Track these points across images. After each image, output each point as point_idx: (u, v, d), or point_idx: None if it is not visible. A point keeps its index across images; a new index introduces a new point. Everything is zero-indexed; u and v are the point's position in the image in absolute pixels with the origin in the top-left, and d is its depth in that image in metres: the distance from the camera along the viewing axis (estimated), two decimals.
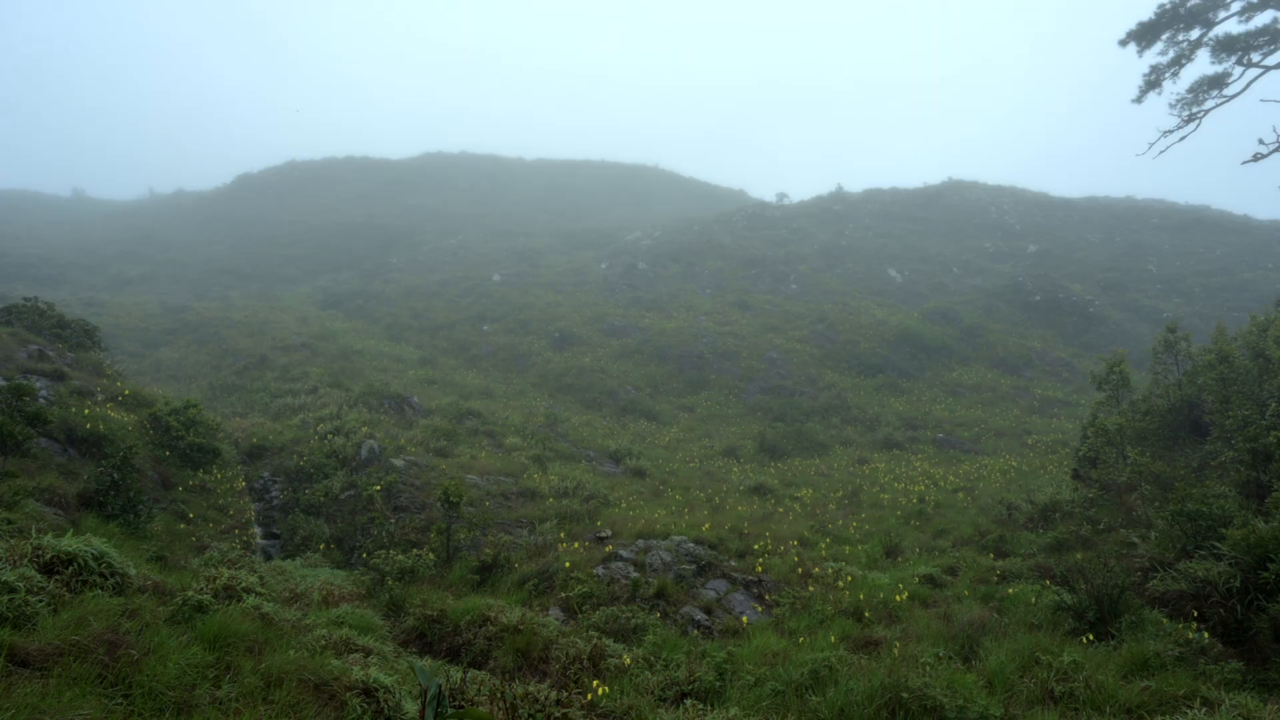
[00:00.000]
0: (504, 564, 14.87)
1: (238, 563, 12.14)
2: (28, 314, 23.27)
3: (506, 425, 29.01)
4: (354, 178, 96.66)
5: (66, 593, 7.17)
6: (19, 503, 10.30)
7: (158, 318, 46.68)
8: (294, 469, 20.97)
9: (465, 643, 11.29)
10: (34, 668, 5.65)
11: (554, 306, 51.94)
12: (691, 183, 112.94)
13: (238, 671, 6.85)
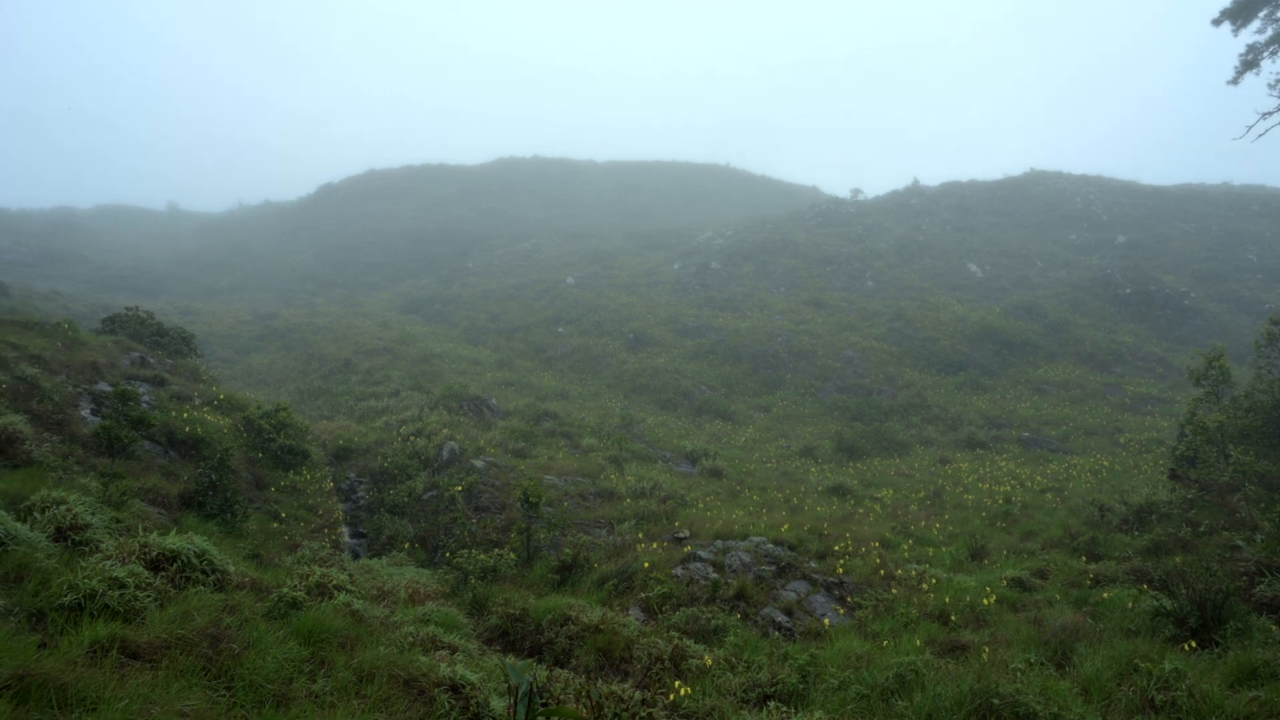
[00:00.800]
0: (583, 564, 14.97)
1: (328, 561, 12.52)
2: (129, 323, 24.45)
3: (583, 426, 29.24)
4: (430, 185, 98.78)
5: (172, 589, 7.48)
6: (126, 502, 10.83)
7: (248, 325, 48.50)
8: (378, 470, 21.52)
9: (547, 641, 11.40)
10: (144, 660, 5.91)
11: (628, 308, 52.15)
12: (763, 181, 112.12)
13: (331, 666, 7.05)
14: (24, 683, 4.79)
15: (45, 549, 7.38)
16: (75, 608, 6.45)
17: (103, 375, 17.98)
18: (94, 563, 7.16)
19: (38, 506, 8.49)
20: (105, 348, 20.07)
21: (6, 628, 5.66)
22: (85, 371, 17.56)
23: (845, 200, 78.86)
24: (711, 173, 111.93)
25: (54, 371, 16.37)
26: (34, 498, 8.69)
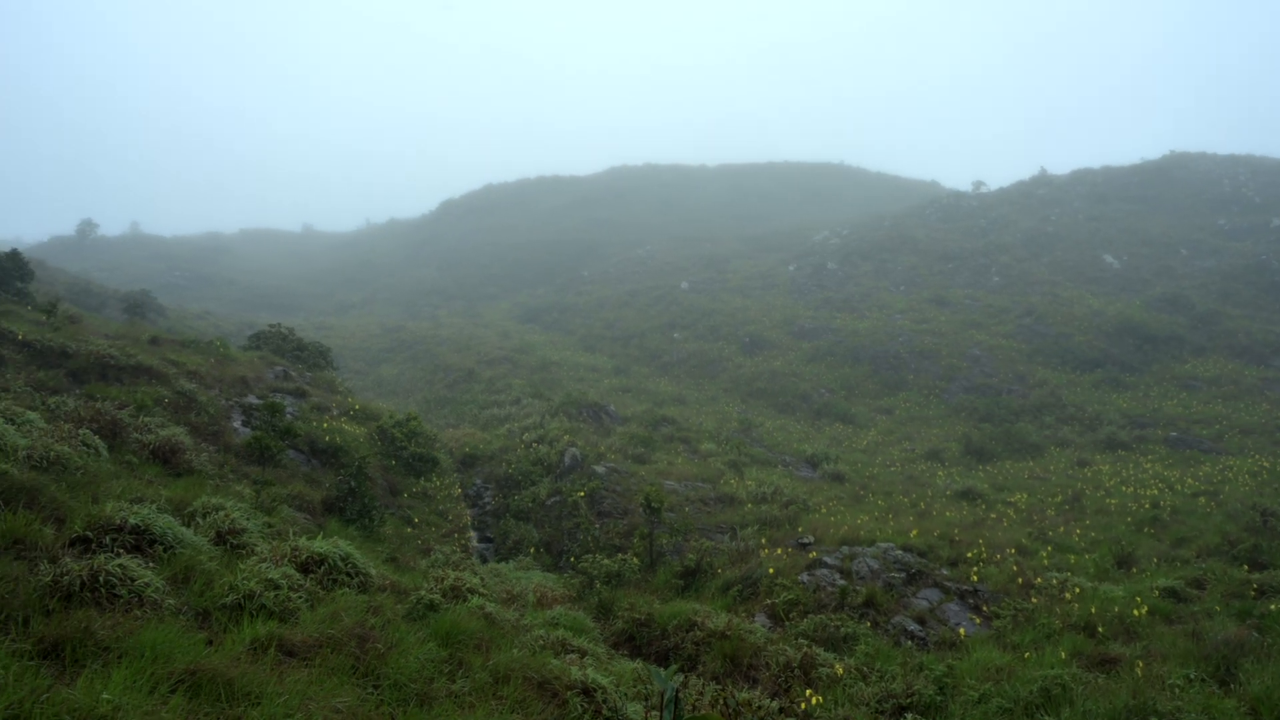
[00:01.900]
0: (706, 569, 14.93)
1: (460, 565, 12.92)
2: (273, 339, 26.01)
3: (701, 431, 29.21)
4: (545, 197, 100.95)
5: (320, 590, 7.87)
6: (276, 508, 11.48)
7: (377, 337, 50.74)
8: (503, 476, 22.10)
9: (673, 646, 11.40)
10: (299, 658, 6.23)
11: (742, 311, 51.82)
12: (879, 177, 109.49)
13: (469, 668, 7.25)
14: (196, 677, 5.12)
15: (208, 552, 7.88)
16: (236, 607, 6.87)
17: (251, 389, 19.16)
18: (251, 565, 7.60)
19: (199, 512, 9.08)
20: (252, 363, 21.39)
21: (178, 625, 6.06)
22: (236, 385, 18.75)
23: (967, 194, 76.10)
24: (825, 171, 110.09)
25: (208, 386, 17.55)
26: (195, 504, 9.30)
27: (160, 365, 16.78)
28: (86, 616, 5.49)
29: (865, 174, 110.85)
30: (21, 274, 22.01)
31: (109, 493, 8.67)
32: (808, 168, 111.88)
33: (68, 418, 11.51)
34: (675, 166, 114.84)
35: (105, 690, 4.46)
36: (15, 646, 4.93)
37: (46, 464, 8.87)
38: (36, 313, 18.68)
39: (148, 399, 14.33)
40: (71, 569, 6.11)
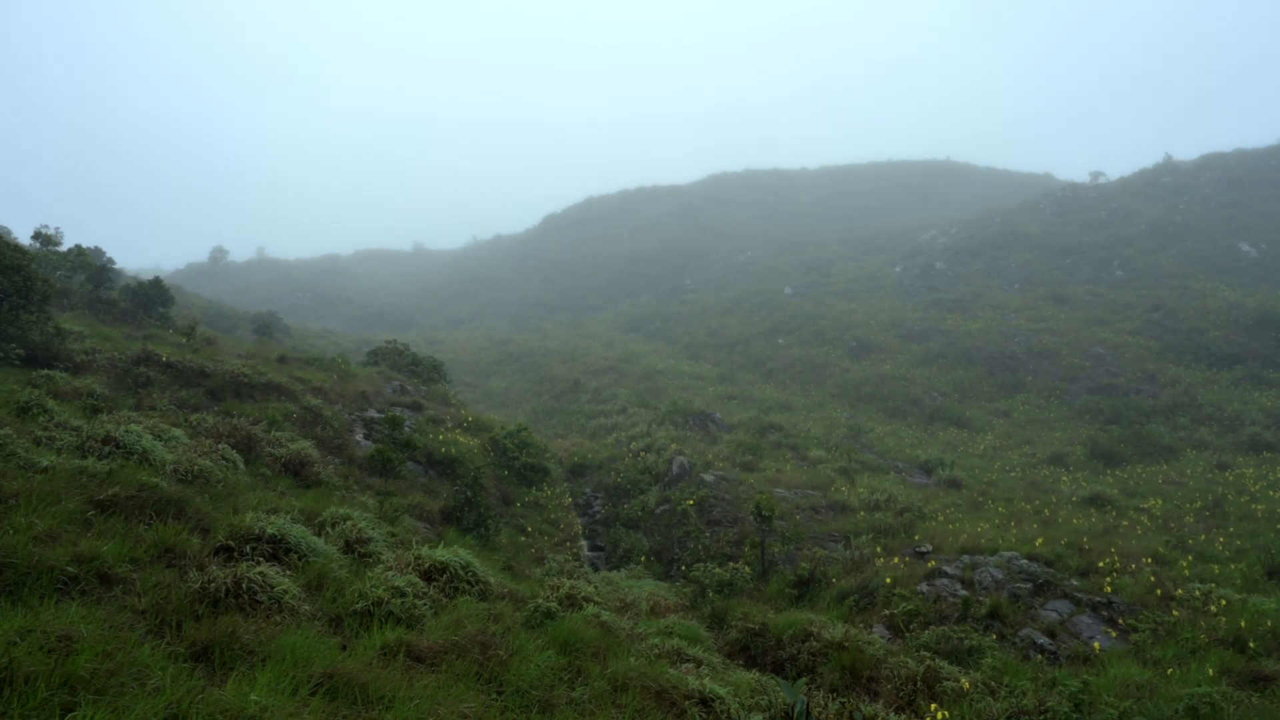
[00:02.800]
0: (820, 579, 14.67)
1: (573, 573, 13.09)
2: (389, 355, 27.04)
3: (809, 438, 28.77)
4: (645, 207, 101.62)
5: (443, 598, 8.11)
6: (398, 518, 11.91)
7: (486, 351, 52.06)
8: (612, 485, 22.29)
9: (789, 657, 11.23)
10: (426, 663, 6.42)
11: (848, 315, 50.86)
12: (988, 172, 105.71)
13: (588, 675, 7.32)
14: (333, 680, 5.35)
15: (338, 560, 8.23)
16: (366, 613, 7.14)
17: (370, 403, 19.96)
18: (378, 573, 7.90)
19: (328, 522, 9.50)
20: (371, 378, 22.28)
21: (313, 630, 6.35)
22: (357, 400, 19.57)
23: (1084, 185, 72.65)
24: (930, 169, 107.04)
25: (332, 401, 18.37)
26: (325, 514, 9.73)
27: (288, 382, 17.66)
28: (232, 621, 5.80)
29: (973, 170, 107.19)
30: (163, 300, 23.57)
31: (247, 504, 9.15)
32: (913, 166, 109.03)
33: (208, 433, 12.24)
34: (775, 171, 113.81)
35: (253, 692, 4.70)
36: (170, 649, 5.26)
37: (191, 477, 9.44)
38: (177, 335, 19.96)
39: (278, 415, 15.11)
40: (217, 576, 6.48)
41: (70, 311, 19.52)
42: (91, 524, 6.94)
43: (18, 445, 8.26)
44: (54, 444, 9.12)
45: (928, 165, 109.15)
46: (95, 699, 4.08)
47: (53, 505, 6.90)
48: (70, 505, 7.07)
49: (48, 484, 7.36)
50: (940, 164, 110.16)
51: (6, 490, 6.84)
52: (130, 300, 23.05)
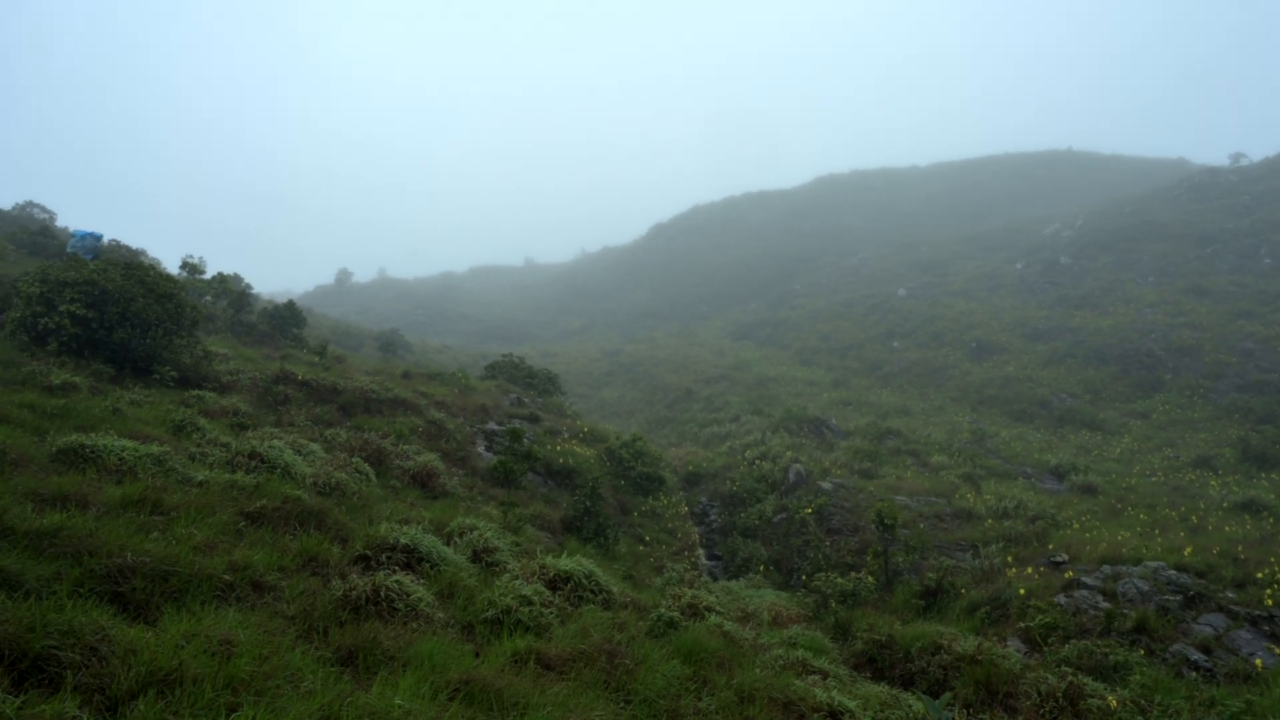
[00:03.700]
0: (948, 589, 14.17)
1: (693, 582, 13.08)
2: (505, 368, 27.75)
3: (929, 443, 27.90)
4: (752, 213, 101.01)
5: (568, 606, 8.24)
6: (521, 528, 12.19)
7: (598, 361, 52.76)
8: (727, 494, 22.18)
9: (918, 671, 10.89)
10: (555, 671, 6.53)
11: (967, 315, 49.14)
12: (1114, 160, 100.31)
13: (713, 686, 7.29)
14: (469, 686, 5.51)
15: (467, 569, 8.48)
16: (495, 621, 7.33)
17: (490, 416, 20.52)
18: (505, 582, 8.09)
19: (456, 532, 9.80)
20: (490, 391, 22.91)
21: (448, 637, 6.56)
22: (477, 413, 20.15)
23: (1223, 168, 67.98)
24: (1051, 160, 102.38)
25: (454, 414, 18.98)
26: (452, 524, 10.05)
27: (413, 397, 18.34)
28: (373, 628, 6.06)
29: (1097, 158, 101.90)
30: (296, 321, 24.91)
31: (380, 515, 9.55)
32: (1031, 157, 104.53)
33: (342, 448, 12.83)
34: (884, 170, 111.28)
35: (396, 696, 4.89)
36: (319, 653, 5.53)
37: (329, 490, 9.92)
38: (310, 355, 21.04)
39: (404, 428, 15.72)
40: (357, 584, 6.78)
41: (215, 335, 20.85)
42: (243, 534, 7.38)
43: (175, 461, 8.85)
44: (206, 459, 9.74)
45: (1048, 156, 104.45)
46: (255, 700, 4.33)
47: (208, 517, 7.37)
48: (223, 517, 7.54)
49: (203, 497, 7.86)
50: (1061, 154, 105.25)
51: (168, 503, 7.34)
52: (267, 323, 24.47)
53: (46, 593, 5.01)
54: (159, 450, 8.85)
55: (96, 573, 5.51)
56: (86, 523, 6.22)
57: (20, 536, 5.72)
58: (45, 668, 4.14)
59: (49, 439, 8.60)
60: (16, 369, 11.79)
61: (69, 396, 11.00)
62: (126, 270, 14.14)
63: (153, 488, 7.60)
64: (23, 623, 4.30)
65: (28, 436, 8.57)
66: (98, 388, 12.08)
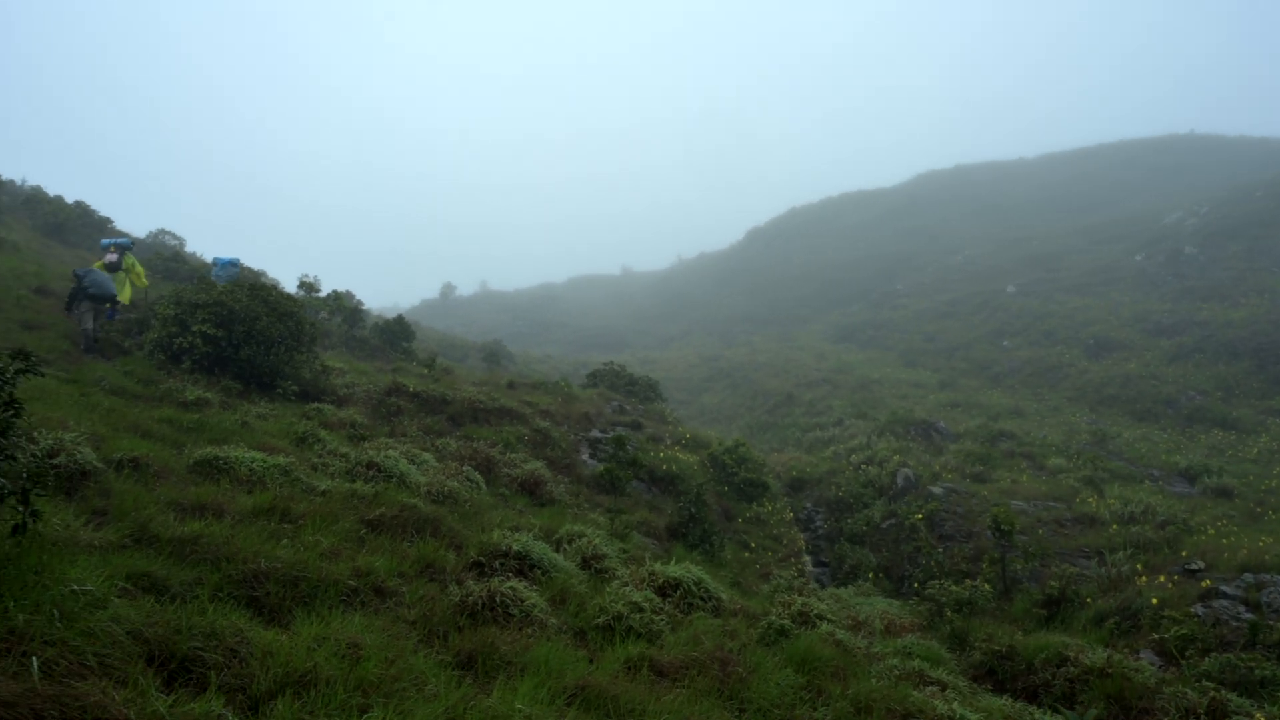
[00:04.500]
0: (1072, 598, 13.53)
1: (802, 590, 12.89)
2: (607, 376, 28.03)
3: (1045, 445, 26.76)
4: (850, 213, 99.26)
5: (678, 613, 8.24)
6: (628, 535, 12.26)
7: (697, 367, 52.69)
8: (833, 499, 21.79)
9: (1042, 683, 10.44)
10: (668, 678, 6.54)
11: (1082, 311, 47.00)
12: (1241, 142, 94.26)
13: (828, 696, 7.16)
14: (585, 692, 5.57)
15: (577, 576, 8.58)
16: (607, 628, 7.39)
17: (593, 423, 20.76)
18: (615, 589, 8.16)
19: (564, 539, 9.94)
20: (592, 399, 23.18)
21: (561, 643, 6.65)
22: (580, 421, 20.42)
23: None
24: (1169, 145, 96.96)
25: (558, 423, 19.27)
26: (560, 531, 10.20)
27: (518, 406, 18.72)
28: (490, 633, 6.20)
29: (1223, 141, 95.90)
30: (406, 335, 25.80)
31: (491, 522, 9.76)
32: (1147, 144, 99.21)
33: (452, 456, 13.20)
34: (989, 164, 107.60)
35: (516, 700, 4.99)
36: (439, 657, 5.69)
37: (442, 498, 10.21)
38: (420, 367, 21.74)
39: (511, 437, 16.05)
40: (474, 590, 6.95)
41: (331, 350, 21.78)
42: (364, 541, 7.66)
43: (300, 471, 9.28)
44: (328, 469, 10.17)
45: (1165, 141, 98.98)
46: (384, 701, 4.48)
47: (332, 524, 7.69)
48: (346, 524, 7.85)
49: (326, 505, 8.21)
50: (1182, 138, 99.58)
51: (295, 511, 7.69)
52: (379, 337, 25.42)
53: (189, 597, 5.31)
54: (285, 461, 9.29)
55: (234, 578, 5.82)
56: (223, 530, 6.59)
57: (164, 544, 6.09)
58: (191, 668, 4.38)
59: (186, 451, 9.15)
60: (155, 386, 12.58)
61: (202, 411, 11.67)
62: (251, 291, 14.92)
63: (281, 497, 7.99)
64: (170, 625, 4.57)
65: (168, 449, 9.12)
66: (227, 402, 12.78)
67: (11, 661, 3.59)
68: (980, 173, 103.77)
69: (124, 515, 6.42)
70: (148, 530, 6.23)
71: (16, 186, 38.35)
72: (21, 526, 4.37)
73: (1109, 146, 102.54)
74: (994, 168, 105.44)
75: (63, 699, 3.45)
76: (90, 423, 8.92)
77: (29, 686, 3.42)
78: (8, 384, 4.28)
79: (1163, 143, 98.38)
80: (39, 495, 4.55)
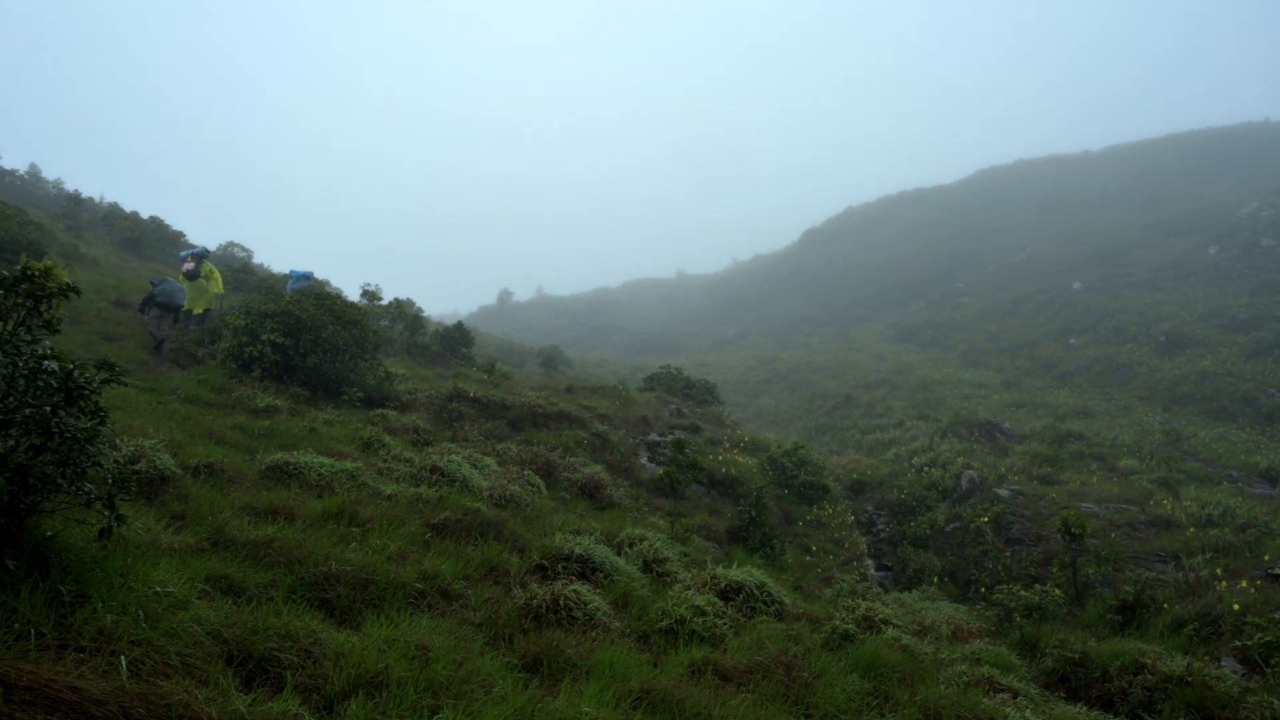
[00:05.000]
0: (1148, 603, 13.09)
1: (865, 594, 12.71)
2: (664, 379, 28.04)
3: (1116, 446, 25.97)
4: (908, 211, 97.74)
5: (741, 617, 8.20)
6: (688, 538, 12.26)
7: (753, 370, 52.39)
8: (895, 502, 21.44)
9: (1118, 691, 10.11)
10: (732, 682, 6.51)
11: (1152, 308, 45.55)
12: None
13: (896, 702, 7.05)
14: (650, 696, 5.57)
15: (638, 579, 8.60)
16: (670, 631, 7.38)
17: (651, 427, 20.77)
18: (677, 592, 8.15)
19: (625, 542, 9.96)
20: (649, 403, 23.21)
21: (625, 646, 6.66)
22: (638, 425, 20.46)
23: None
24: (1243, 134, 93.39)
25: (616, 426, 19.35)
26: (621, 535, 10.22)
27: (576, 410, 18.84)
28: (555, 636, 6.24)
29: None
30: (465, 341, 26.17)
31: (553, 526, 9.84)
32: (1220, 133, 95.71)
33: (513, 461, 13.34)
34: (1052, 158, 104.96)
35: (582, 703, 5.02)
36: (505, 660, 5.75)
37: (504, 501, 10.33)
38: (479, 373, 22.01)
39: (570, 441, 16.16)
40: (537, 593, 7.01)
41: (393, 356, 22.19)
42: (429, 545, 7.79)
43: (366, 476, 9.47)
44: (393, 474, 10.36)
45: (1239, 130, 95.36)
46: (454, 703, 4.54)
47: (399, 528, 7.83)
48: (411, 528, 7.99)
49: (393, 509, 8.36)
50: (1256, 126, 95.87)
51: (363, 515, 7.85)
52: (439, 343, 25.82)
53: (264, 599, 5.45)
54: (352, 466, 9.49)
55: (306, 580, 5.96)
56: (295, 534, 6.76)
57: (240, 547, 6.27)
58: (268, 669, 4.50)
59: (258, 457, 9.40)
60: (227, 394, 12.98)
61: (272, 418, 11.99)
62: (317, 300, 15.30)
63: (349, 501, 8.16)
64: (247, 626, 4.70)
65: (240, 455, 9.39)
66: (295, 409, 13.11)
67: (101, 660, 3.73)
68: (1042, 167, 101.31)
69: (201, 519, 6.63)
70: (224, 534, 6.42)
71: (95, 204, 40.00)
72: (108, 530, 4.54)
73: (1178, 137, 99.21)
74: (1056, 162, 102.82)
75: (149, 697, 3.57)
76: (168, 430, 9.23)
77: (118, 685, 3.54)
78: (94, 393, 4.45)
79: (1236, 131, 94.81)
80: (123, 500, 4.72)
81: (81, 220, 31.90)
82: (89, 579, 4.34)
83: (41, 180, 45.85)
